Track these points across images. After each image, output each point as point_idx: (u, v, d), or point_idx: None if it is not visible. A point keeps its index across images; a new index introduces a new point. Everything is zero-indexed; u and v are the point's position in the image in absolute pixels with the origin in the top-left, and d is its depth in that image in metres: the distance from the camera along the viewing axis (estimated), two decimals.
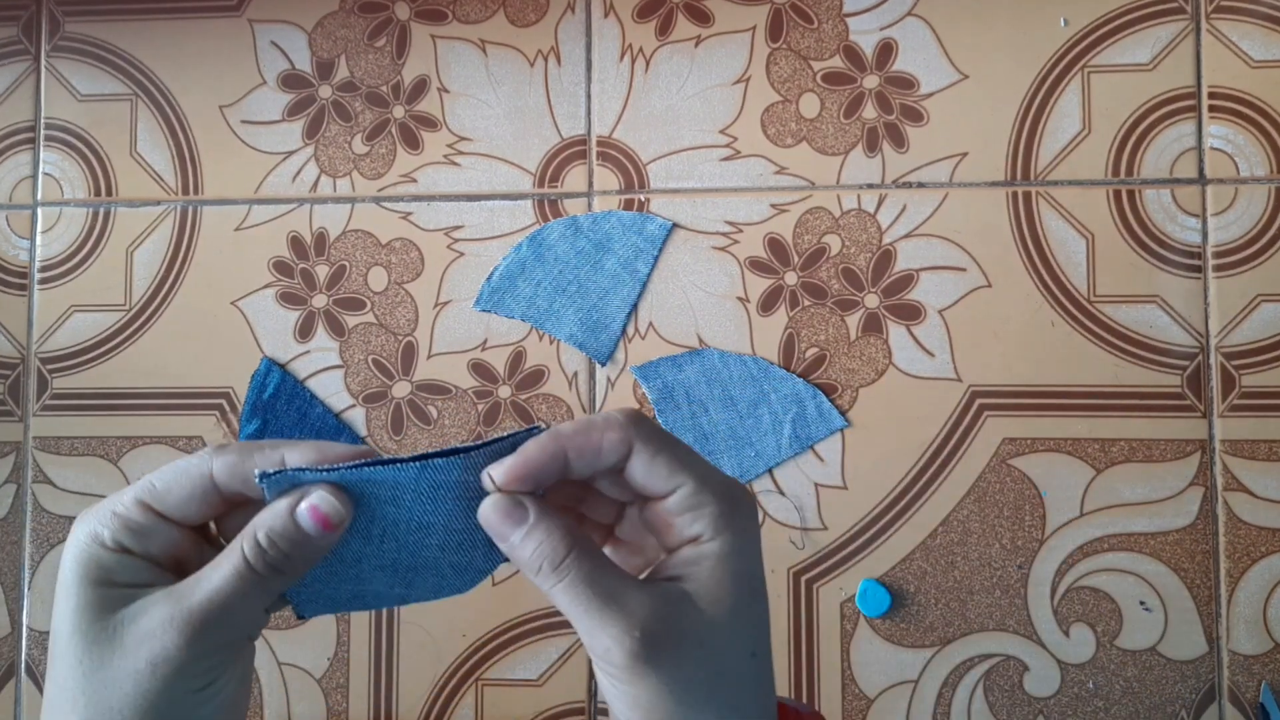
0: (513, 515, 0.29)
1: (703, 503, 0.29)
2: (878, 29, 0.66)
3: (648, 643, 0.27)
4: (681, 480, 0.29)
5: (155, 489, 0.29)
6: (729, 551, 0.28)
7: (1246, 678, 0.61)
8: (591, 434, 0.29)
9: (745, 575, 0.29)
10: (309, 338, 0.68)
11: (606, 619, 0.27)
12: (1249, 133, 0.63)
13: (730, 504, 0.29)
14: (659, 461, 0.29)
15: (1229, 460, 0.62)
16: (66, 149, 0.71)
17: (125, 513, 0.29)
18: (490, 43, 0.68)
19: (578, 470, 0.29)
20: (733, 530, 0.29)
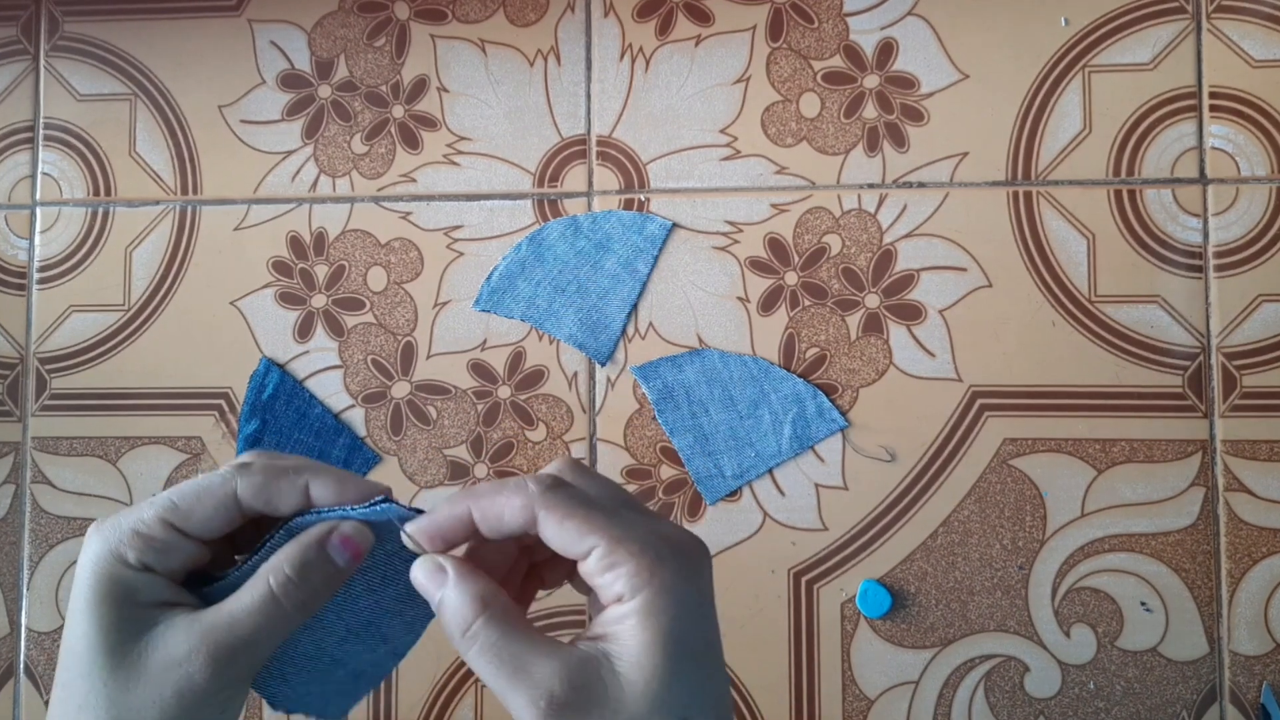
0: (434, 578, 0.29)
1: (617, 562, 0.28)
2: (878, 28, 0.66)
3: (557, 708, 0.27)
4: (593, 542, 0.28)
5: (178, 508, 0.29)
6: (649, 611, 0.27)
7: (1248, 678, 0.61)
8: (496, 498, 0.29)
9: (673, 634, 0.27)
10: (308, 338, 0.68)
11: (515, 685, 0.27)
12: (1250, 132, 0.63)
13: (652, 559, 0.28)
14: (568, 525, 0.28)
15: (1230, 461, 0.62)
16: (65, 149, 0.71)
17: (149, 531, 0.29)
18: (490, 42, 0.68)
19: (486, 532, 0.30)
20: (653, 588, 0.28)
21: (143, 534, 0.29)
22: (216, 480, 0.30)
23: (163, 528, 0.29)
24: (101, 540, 0.29)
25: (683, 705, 0.27)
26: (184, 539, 0.29)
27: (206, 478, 0.30)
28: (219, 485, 0.30)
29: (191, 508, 0.29)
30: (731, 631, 0.64)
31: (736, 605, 0.64)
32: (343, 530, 0.30)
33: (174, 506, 0.29)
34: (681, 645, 0.28)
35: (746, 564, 0.64)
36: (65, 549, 0.68)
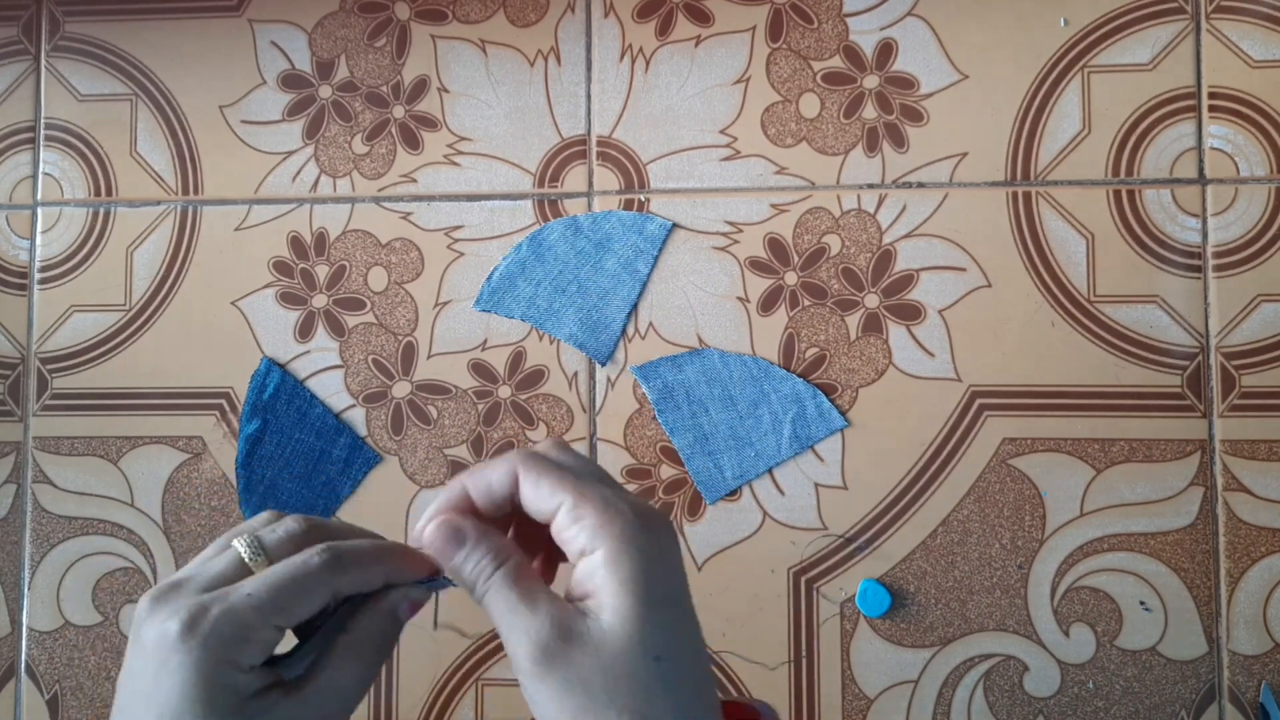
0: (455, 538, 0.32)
1: (581, 515, 0.30)
2: (878, 29, 0.66)
3: (547, 646, 0.29)
4: (561, 498, 0.31)
5: (285, 610, 0.30)
6: (612, 559, 0.30)
7: (1246, 678, 0.61)
8: (485, 470, 0.33)
9: (638, 580, 0.30)
10: (309, 338, 0.68)
11: (516, 624, 0.30)
12: (1249, 133, 0.63)
13: (611, 513, 0.30)
14: (542, 484, 0.31)
15: (1229, 460, 0.62)
16: (66, 149, 0.71)
17: (262, 638, 0.30)
18: (490, 43, 0.68)
19: (480, 503, 0.33)
20: (613, 537, 0.30)
21: (254, 641, 0.30)
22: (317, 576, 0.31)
23: (272, 631, 0.30)
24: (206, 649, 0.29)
25: (655, 644, 0.30)
26: (277, 632, 0.31)
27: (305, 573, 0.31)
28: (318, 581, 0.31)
29: (294, 607, 0.31)
30: (732, 631, 0.64)
31: (736, 605, 0.64)
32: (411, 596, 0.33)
33: (280, 609, 0.30)
34: (648, 589, 0.30)
35: (746, 564, 0.64)
36: (66, 548, 0.69)
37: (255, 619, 0.30)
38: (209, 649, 0.29)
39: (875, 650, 0.63)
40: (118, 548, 0.68)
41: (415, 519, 0.66)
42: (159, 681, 0.29)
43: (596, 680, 0.29)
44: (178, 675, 0.29)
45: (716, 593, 0.64)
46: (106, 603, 0.68)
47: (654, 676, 0.29)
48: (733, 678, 0.64)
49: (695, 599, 0.32)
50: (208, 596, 0.30)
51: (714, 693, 0.31)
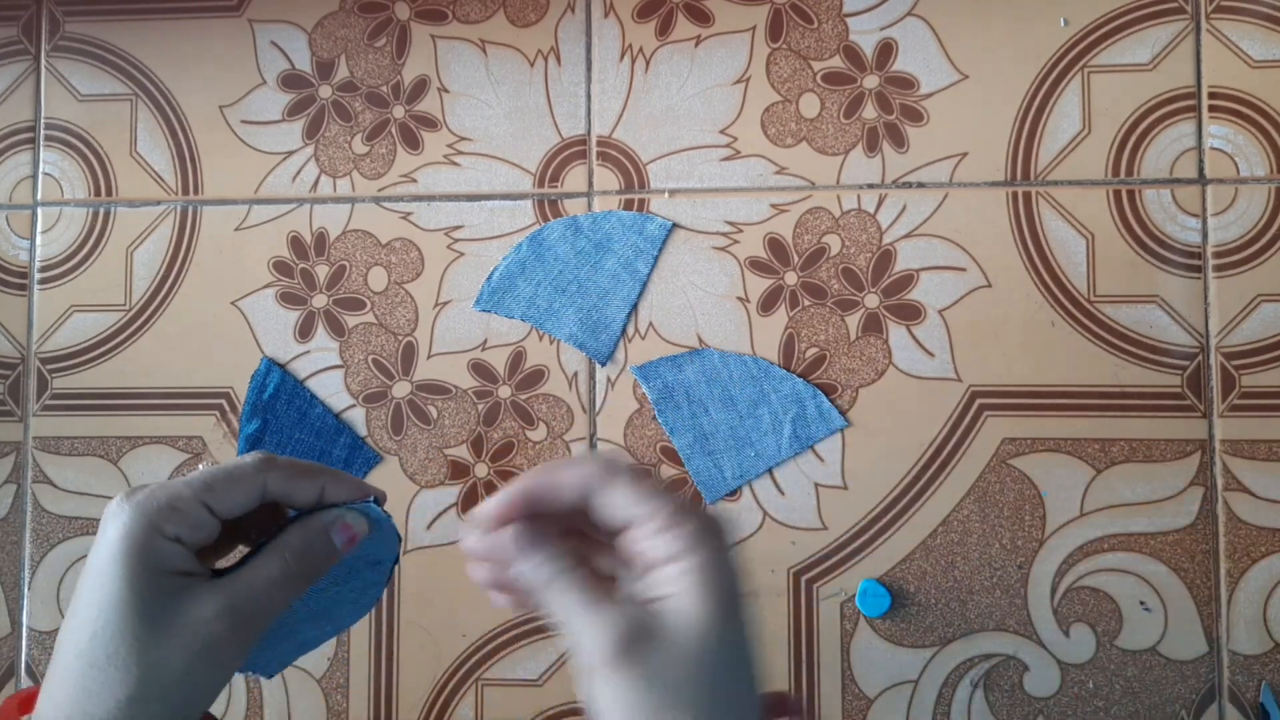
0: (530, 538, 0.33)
1: (673, 524, 0.31)
2: (878, 29, 0.66)
3: (632, 638, 0.30)
4: (660, 504, 0.31)
5: (214, 490, 0.33)
6: (703, 567, 0.30)
7: (1246, 678, 0.61)
8: (555, 473, 0.33)
9: (724, 589, 0.31)
10: (309, 338, 0.68)
11: (596, 617, 0.30)
12: (1249, 133, 0.63)
13: (705, 523, 0.31)
14: (621, 493, 0.32)
15: (1229, 460, 0.62)
16: (66, 149, 0.71)
17: (186, 508, 0.32)
18: (490, 43, 0.68)
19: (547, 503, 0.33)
20: (710, 547, 0.31)
21: (180, 510, 0.32)
22: (249, 469, 0.33)
23: (198, 506, 0.32)
24: (137, 511, 0.32)
25: (733, 651, 0.31)
26: (211, 517, 0.33)
27: (238, 465, 0.33)
28: (251, 474, 0.33)
29: (225, 491, 0.33)
30: None
31: None
32: (345, 519, 0.35)
33: (210, 489, 0.33)
34: (731, 598, 0.31)
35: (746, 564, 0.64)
36: (67, 548, 0.69)
37: (185, 492, 0.32)
38: (139, 511, 0.31)
39: (875, 650, 0.63)
40: None
41: (416, 519, 0.66)
42: (96, 546, 0.32)
43: (677, 678, 0.29)
44: (110, 534, 0.31)
45: None
46: None
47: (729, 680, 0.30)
48: None
49: None
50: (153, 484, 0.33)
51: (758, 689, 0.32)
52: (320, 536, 0.34)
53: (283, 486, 0.34)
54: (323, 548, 0.34)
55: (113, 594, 0.31)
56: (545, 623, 0.65)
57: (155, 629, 0.31)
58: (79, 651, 0.31)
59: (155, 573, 0.31)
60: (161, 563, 0.31)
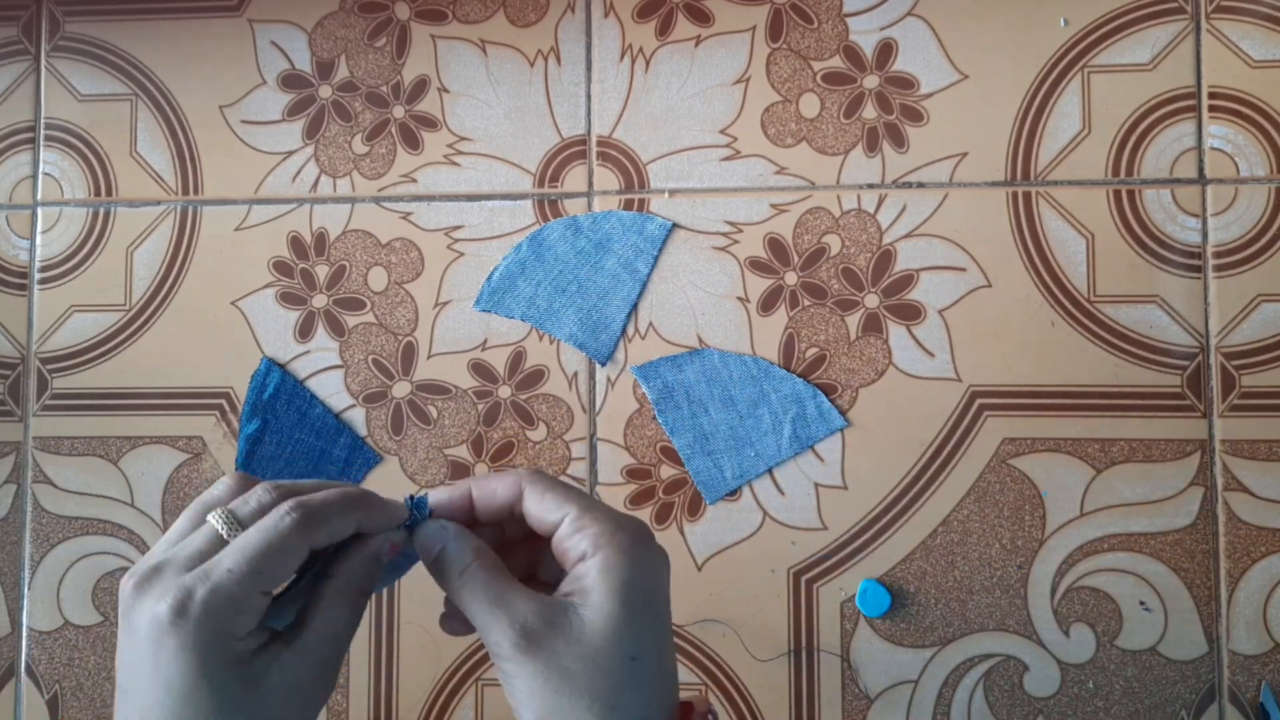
0: (437, 535, 0.35)
1: (585, 525, 0.33)
2: (878, 29, 0.66)
3: (528, 635, 0.31)
4: (567, 509, 0.34)
5: (265, 576, 0.31)
6: (608, 565, 0.32)
7: (1246, 678, 0.61)
8: (490, 480, 0.36)
9: (627, 586, 0.32)
10: (309, 338, 0.68)
11: (497, 615, 0.32)
12: (1249, 133, 0.63)
13: (612, 525, 0.33)
14: (547, 497, 0.34)
15: (1229, 460, 0.62)
16: (66, 149, 0.71)
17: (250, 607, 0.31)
18: (490, 43, 0.68)
19: (481, 509, 0.36)
20: (612, 547, 0.32)
21: (244, 612, 0.31)
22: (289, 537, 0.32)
23: (257, 596, 0.31)
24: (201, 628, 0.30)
25: (634, 645, 0.32)
26: (266, 598, 0.32)
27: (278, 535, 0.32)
28: (294, 543, 0.32)
29: (274, 571, 0.32)
30: (731, 630, 0.64)
31: (736, 605, 0.64)
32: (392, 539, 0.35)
33: (260, 574, 0.31)
34: (634, 595, 0.32)
35: (746, 564, 0.64)
36: (66, 548, 0.68)
37: (241, 591, 0.31)
38: (203, 628, 0.30)
39: (875, 650, 0.63)
40: (118, 548, 0.68)
41: None
42: (159, 663, 0.30)
43: (575, 669, 0.31)
44: (179, 657, 0.30)
45: (716, 593, 0.64)
46: (106, 603, 0.68)
47: (628, 673, 0.32)
48: (732, 677, 0.64)
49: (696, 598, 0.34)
50: (190, 577, 0.31)
51: (676, 696, 0.34)
52: (371, 563, 0.35)
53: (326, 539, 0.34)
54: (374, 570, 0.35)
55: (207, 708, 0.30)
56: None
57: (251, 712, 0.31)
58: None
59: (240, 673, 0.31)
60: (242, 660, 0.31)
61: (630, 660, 0.32)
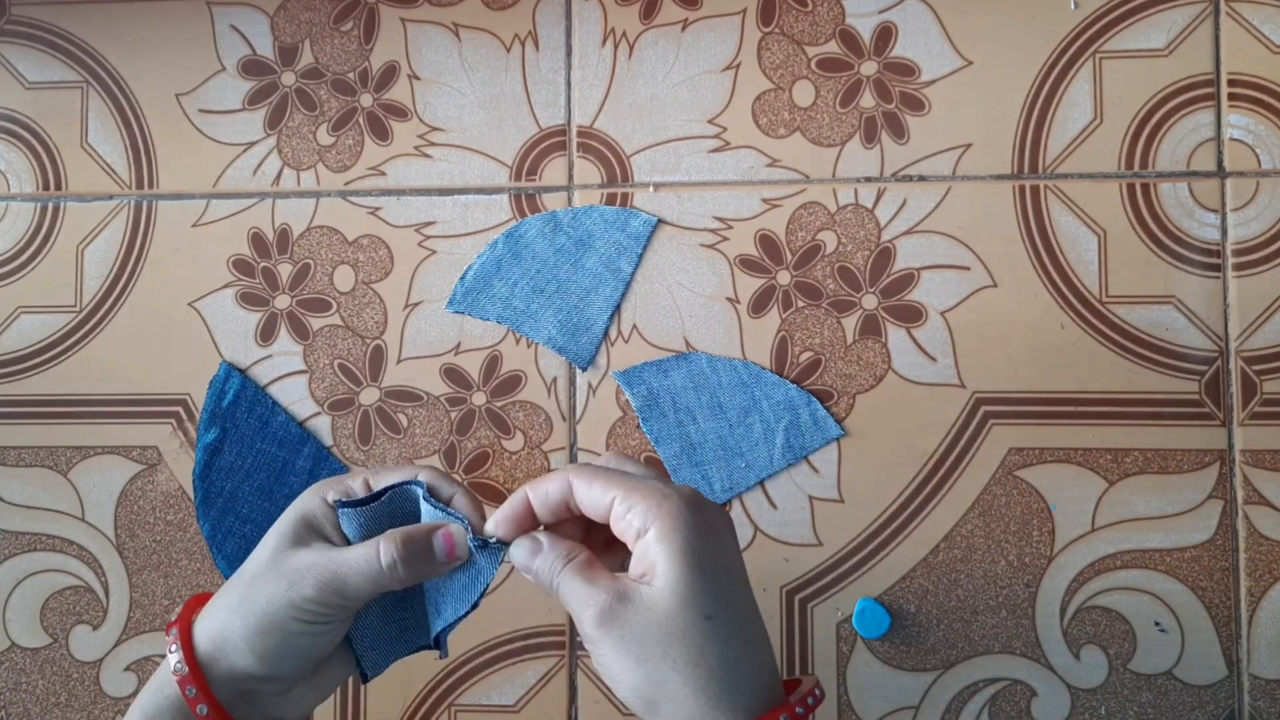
0: (532, 547, 0.38)
1: (634, 502, 0.35)
2: (876, 12, 0.62)
3: (606, 610, 0.34)
4: (613, 491, 0.36)
5: (378, 475, 0.42)
6: (664, 534, 0.34)
7: (1268, 703, 0.57)
8: (541, 483, 0.38)
9: (686, 549, 0.34)
10: (271, 341, 0.64)
11: (581, 598, 0.35)
12: (1271, 123, 0.60)
13: (659, 496, 0.35)
14: (594, 485, 0.37)
15: (1250, 472, 0.58)
16: (13, 140, 0.66)
17: (350, 484, 0.41)
18: (464, 27, 0.64)
19: (540, 509, 0.39)
20: (664, 516, 0.34)
21: (344, 484, 0.41)
22: (407, 468, 0.42)
23: (361, 484, 0.41)
24: (316, 486, 0.41)
25: (706, 604, 0.34)
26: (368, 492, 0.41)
27: (400, 467, 0.42)
28: (408, 472, 0.41)
29: (386, 475, 0.41)
30: None
31: None
32: (449, 528, 0.39)
33: (375, 473, 0.42)
34: (697, 558, 0.34)
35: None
36: (12, 566, 0.64)
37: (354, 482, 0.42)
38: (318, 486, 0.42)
39: (873, 674, 0.59)
40: (68, 565, 0.64)
41: None
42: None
43: (650, 635, 0.33)
44: (297, 500, 0.41)
45: None
46: (56, 624, 0.64)
47: (704, 632, 0.33)
48: None
49: None
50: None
51: (767, 651, 0.35)
52: (421, 538, 0.39)
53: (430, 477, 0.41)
54: (420, 547, 0.39)
55: (269, 537, 0.40)
56: (524, 644, 0.61)
57: (269, 565, 0.38)
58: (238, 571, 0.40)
59: (302, 526, 0.40)
60: (311, 520, 0.40)
61: (705, 619, 0.33)
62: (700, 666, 0.33)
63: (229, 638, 0.38)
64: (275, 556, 0.38)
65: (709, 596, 0.34)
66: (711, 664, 0.33)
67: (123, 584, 0.64)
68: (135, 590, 0.63)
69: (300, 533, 0.39)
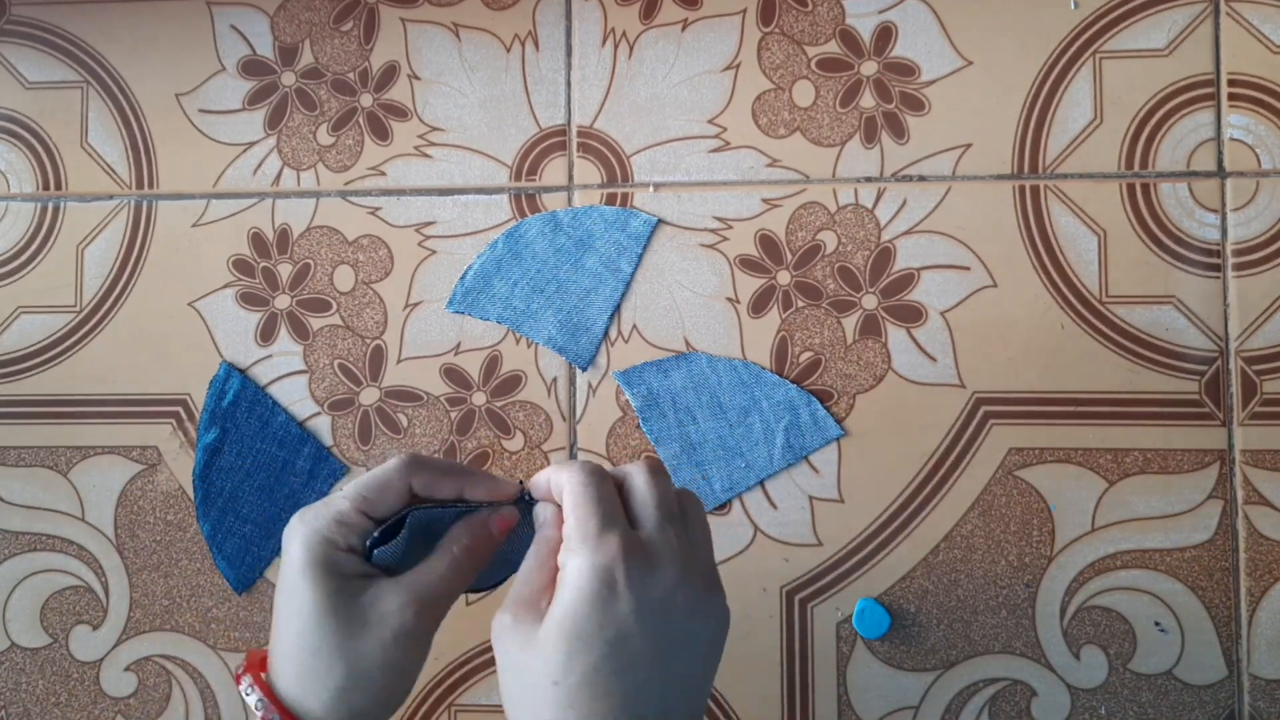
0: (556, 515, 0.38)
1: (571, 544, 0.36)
2: (876, 12, 0.62)
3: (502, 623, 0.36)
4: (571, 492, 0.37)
5: (369, 500, 0.38)
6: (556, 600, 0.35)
7: (1269, 703, 0.57)
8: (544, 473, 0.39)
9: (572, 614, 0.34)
10: (271, 341, 0.64)
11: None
12: (1271, 123, 0.60)
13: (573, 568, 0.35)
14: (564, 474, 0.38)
15: (1249, 471, 0.58)
16: (13, 140, 0.66)
17: (352, 520, 0.38)
18: (464, 26, 0.64)
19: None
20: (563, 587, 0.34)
21: (345, 524, 0.38)
22: (394, 475, 0.39)
23: (359, 517, 0.38)
24: (309, 528, 0.37)
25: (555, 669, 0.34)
26: (370, 522, 0.38)
27: (384, 472, 0.39)
28: (398, 480, 0.39)
29: (378, 499, 0.38)
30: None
31: None
32: (501, 513, 0.39)
33: (365, 499, 0.38)
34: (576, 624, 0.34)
35: (736, 581, 0.60)
36: (12, 566, 0.64)
37: (345, 506, 0.38)
38: (313, 528, 0.37)
39: (873, 674, 0.59)
40: (68, 565, 0.64)
41: None
42: (284, 563, 0.38)
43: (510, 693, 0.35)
44: (293, 552, 0.37)
45: None
46: (56, 624, 0.64)
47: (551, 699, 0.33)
48: (722, 703, 0.60)
49: None
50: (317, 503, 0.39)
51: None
52: (482, 529, 0.39)
53: (425, 490, 0.39)
54: (485, 539, 0.39)
55: (308, 601, 0.36)
56: None
57: (349, 625, 0.36)
58: (295, 642, 0.36)
59: (339, 578, 0.37)
60: (340, 569, 0.37)
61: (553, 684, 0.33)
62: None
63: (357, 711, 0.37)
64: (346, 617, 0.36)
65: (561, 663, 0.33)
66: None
67: (123, 584, 0.64)
68: (135, 590, 0.63)
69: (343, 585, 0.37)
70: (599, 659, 0.33)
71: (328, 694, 0.36)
